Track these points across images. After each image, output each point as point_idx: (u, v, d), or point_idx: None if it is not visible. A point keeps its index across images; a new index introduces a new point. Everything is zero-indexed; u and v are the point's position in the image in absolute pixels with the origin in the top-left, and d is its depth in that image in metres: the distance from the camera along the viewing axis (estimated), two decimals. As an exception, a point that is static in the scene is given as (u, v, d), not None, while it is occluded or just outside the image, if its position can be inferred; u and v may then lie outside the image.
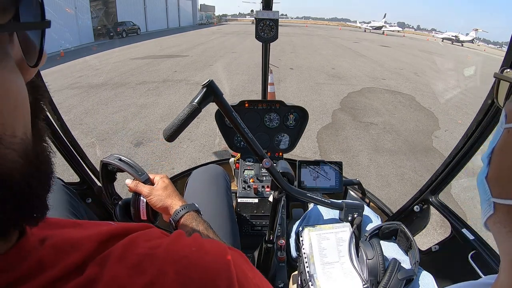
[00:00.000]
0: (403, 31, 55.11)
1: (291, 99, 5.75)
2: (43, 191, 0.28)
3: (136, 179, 0.76)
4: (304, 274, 0.88)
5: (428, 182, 1.20)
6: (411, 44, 24.71)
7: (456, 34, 35.80)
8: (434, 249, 1.17)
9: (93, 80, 7.59)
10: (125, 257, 0.30)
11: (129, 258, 0.30)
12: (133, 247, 0.31)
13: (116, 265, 0.29)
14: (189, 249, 0.33)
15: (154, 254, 0.30)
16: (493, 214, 0.28)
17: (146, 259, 0.30)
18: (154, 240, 0.33)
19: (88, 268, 0.28)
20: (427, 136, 4.61)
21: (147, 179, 0.77)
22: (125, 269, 0.29)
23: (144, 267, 0.29)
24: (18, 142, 0.24)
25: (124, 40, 18.79)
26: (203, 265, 0.32)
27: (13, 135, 0.23)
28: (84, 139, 3.97)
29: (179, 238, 0.35)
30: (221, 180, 1.15)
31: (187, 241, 0.35)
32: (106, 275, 0.28)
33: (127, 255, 0.30)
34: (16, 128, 0.24)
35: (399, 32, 49.41)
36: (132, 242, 0.32)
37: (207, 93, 0.71)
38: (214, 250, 0.35)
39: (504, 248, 0.28)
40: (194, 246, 0.34)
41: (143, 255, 0.30)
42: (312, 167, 1.34)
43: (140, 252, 0.31)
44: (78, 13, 17.51)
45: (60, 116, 1.14)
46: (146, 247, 0.31)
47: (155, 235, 0.35)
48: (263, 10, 1.33)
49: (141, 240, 0.33)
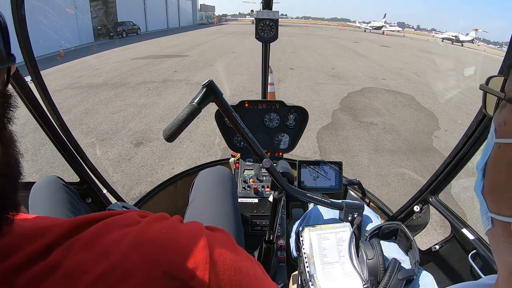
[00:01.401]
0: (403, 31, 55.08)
1: (291, 99, 5.75)
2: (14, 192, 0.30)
3: None
4: (304, 274, 0.88)
5: (428, 182, 1.20)
6: (411, 44, 24.70)
7: (456, 34, 35.80)
8: (434, 249, 1.17)
9: (93, 80, 7.59)
10: (94, 243, 0.30)
11: (98, 244, 0.30)
12: (106, 233, 0.31)
13: (82, 250, 0.29)
14: (158, 232, 0.32)
15: (122, 240, 0.30)
16: (491, 228, 0.28)
17: (113, 244, 0.30)
18: (127, 227, 0.32)
19: (53, 253, 0.28)
20: (427, 136, 4.61)
21: None
22: (91, 254, 0.29)
23: (110, 252, 0.29)
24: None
25: (124, 40, 18.79)
26: (171, 247, 0.31)
27: None
28: (84, 139, 3.97)
29: (153, 222, 0.34)
30: (228, 181, 1.15)
31: (159, 224, 0.34)
32: (70, 259, 0.28)
33: (98, 240, 0.30)
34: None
35: (399, 32, 49.41)
36: (105, 227, 0.32)
37: (207, 93, 0.70)
38: (187, 231, 0.34)
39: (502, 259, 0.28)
40: (165, 228, 0.33)
41: (112, 241, 0.30)
42: (312, 167, 1.34)
43: (110, 239, 0.30)
44: (78, 13, 17.51)
45: (60, 116, 1.14)
46: (117, 234, 0.31)
47: (131, 220, 0.34)
48: (263, 10, 1.33)
49: (115, 225, 0.32)
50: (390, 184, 3.18)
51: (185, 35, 23.16)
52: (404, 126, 4.96)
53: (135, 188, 2.97)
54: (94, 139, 4.04)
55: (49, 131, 1.12)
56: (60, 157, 1.22)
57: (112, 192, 1.45)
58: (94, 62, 10.25)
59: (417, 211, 1.26)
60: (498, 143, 0.26)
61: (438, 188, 1.18)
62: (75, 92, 6.39)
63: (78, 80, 7.57)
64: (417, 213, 1.26)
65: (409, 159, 3.80)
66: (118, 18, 22.24)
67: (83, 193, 1.30)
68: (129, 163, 3.45)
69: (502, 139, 0.25)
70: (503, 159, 0.25)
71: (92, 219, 0.33)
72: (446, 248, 1.14)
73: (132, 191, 2.91)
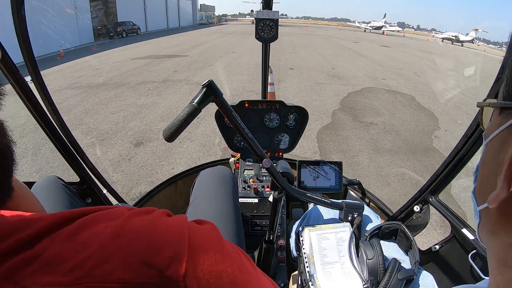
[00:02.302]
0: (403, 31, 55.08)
1: (291, 99, 5.75)
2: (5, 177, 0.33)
3: None
4: (304, 274, 0.88)
5: (428, 182, 1.20)
6: (411, 44, 24.70)
7: (456, 34, 35.79)
8: (434, 249, 1.17)
9: (93, 80, 7.59)
10: (77, 234, 0.30)
11: (80, 236, 0.30)
12: (90, 225, 0.32)
13: (65, 240, 0.30)
14: (139, 224, 0.33)
15: (104, 232, 0.31)
16: (479, 223, 0.30)
17: (94, 236, 0.30)
18: (112, 220, 0.33)
19: (40, 243, 0.29)
20: (427, 136, 4.61)
21: None
22: (73, 245, 0.29)
23: (90, 243, 0.30)
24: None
25: (124, 40, 18.79)
26: (149, 237, 0.32)
27: None
28: (84, 139, 3.97)
29: (137, 215, 0.35)
30: (229, 181, 1.15)
31: (143, 217, 0.35)
32: (52, 249, 0.29)
33: (80, 232, 0.31)
34: None
35: (399, 32, 49.41)
36: (91, 221, 0.32)
37: (207, 93, 0.70)
38: (169, 223, 0.35)
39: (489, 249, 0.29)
40: (147, 219, 0.34)
41: (93, 234, 0.31)
42: (312, 167, 1.33)
43: (93, 231, 0.31)
44: (78, 13, 17.50)
45: (60, 116, 1.14)
46: (101, 226, 0.32)
47: (118, 213, 0.34)
48: (263, 10, 1.33)
49: (102, 219, 0.33)
50: (390, 184, 3.18)
51: (185, 35, 23.16)
52: (404, 126, 4.96)
53: (135, 188, 2.97)
54: (94, 139, 4.04)
55: (49, 131, 1.12)
56: (60, 157, 1.22)
57: (112, 192, 1.45)
58: (94, 62, 10.25)
59: (417, 211, 1.26)
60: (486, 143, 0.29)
61: (438, 188, 1.18)
62: (75, 92, 6.39)
63: (78, 80, 7.57)
64: (417, 213, 1.26)
65: (409, 159, 3.79)
66: (118, 18, 22.23)
67: (83, 193, 1.30)
68: (129, 163, 3.45)
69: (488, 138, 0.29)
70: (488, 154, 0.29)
71: (82, 212, 0.34)
72: (446, 248, 1.14)
73: (132, 191, 2.91)
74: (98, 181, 1.36)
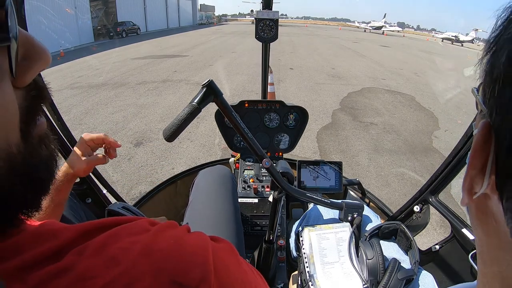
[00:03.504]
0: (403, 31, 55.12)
1: (291, 99, 5.75)
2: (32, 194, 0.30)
3: None
4: (304, 274, 0.88)
5: (428, 182, 1.20)
6: (411, 44, 24.70)
7: (456, 34, 35.81)
8: (434, 249, 1.17)
9: (93, 80, 7.59)
10: (104, 249, 0.30)
11: (108, 250, 0.30)
12: (115, 240, 0.32)
13: (93, 255, 0.30)
14: (166, 243, 0.33)
15: (132, 248, 0.31)
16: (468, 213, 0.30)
17: (123, 252, 0.30)
18: (136, 235, 0.33)
19: (66, 256, 0.29)
20: (427, 136, 4.61)
21: None
22: (102, 261, 0.29)
23: (120, 259, 0.30)
24: None
25: (124, 40, 18.79)
26: (178, 256, 0.32)
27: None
28: (84, 139, 3.97)
29: (162, 231, 0.35)
30: (229, 181, 1.15)
31: (168, 234, 0.35)
32: (82, 264, 0.28)
33: (106, 247, 0.31)
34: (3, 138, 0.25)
35: (399, 32, 49.46)
36: (114, 235, 0.33)
37: (207, 93, 0.70)
38: (193, 242, 0.36)
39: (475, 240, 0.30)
40: (173, 238, 0.34)
41: (121, 249, 0.31)
42: (312, 167, 1.34)
43: (119, 246, 0.31)
44: (78, 13, 17.51)
45: (60, 116, 1.14)
46: (126, 242, 0.32)
47: (140, 228, 0.35)
48: (263, 10, 1.33)
49: (124, 233, 0.33)
50: (390, 184, 3.18)
51: (185, 35, 23.15)
52: (404, 126, 4.96)
53: (135, 188, 2.97)
54: (94, 139, 4.03)
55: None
56: (60, 157, 1.21)
57: (112, 192, 1.45)
58: (94, 62, 10.25)
59: (417, 211, 1.26)
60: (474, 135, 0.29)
61: (438, 188, 1.18)
62: (75, 92, 6.39)
63: (78, 80, 7.57)
64: (417, 213, 1.26)
65: (409, 159, 3.80)
66: (118, 18, 22.24)
67: (82, 193, 1.30)
68: (129, 163, 3.45)
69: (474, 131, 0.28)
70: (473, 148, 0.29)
71: (102, 225, 0.34)
72: (446, 248, 1.14)
73: (132, 191, 2.91)
74: (98, 181, 1.36)
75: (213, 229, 0.96)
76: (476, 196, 0.24)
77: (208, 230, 0.94)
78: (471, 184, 0.24)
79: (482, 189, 0.23)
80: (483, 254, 0.27)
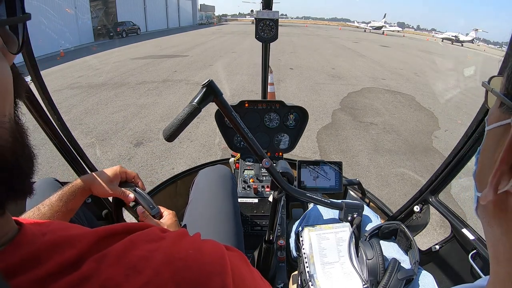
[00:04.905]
0: (403, 31, 55.12)
1: (291, 99, 5.75)
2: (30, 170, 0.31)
3: (146, 211, 0.82)
4: (304, 274, 0.88)
5: (428, 182, 1.20)
6: (411, 44, 24.71)
7: (456, 34, 35.80)
8: (434, 249, 1.17)
9: (93, 80, 7.59)
10: (124, 257, 0.31)
11: (127, 259, 0.31)
12: (132, 248, 0.32)
13: (114, 264, 0.30)
14: (185, 252, 0.34)
15: (152, 256, 0.31)
16: (476, 208, 0.30)
17: (143, 260, 0.31)
18: (153, 243, 0.34)
19: (85, 265, 0.29)
20: (427, 136, 4.61)
21: (157, 213, 0.84)
22: (122, 269, 0.29)
23: (141, 268, 0.30)
24: (7, 121, 0.26)
25: (124, 40, 18.80)
26: (198, 266, 0.33)
27: (3, 114, 0.25)
28: (84, 139, 3.97)
29: (178, 239, 0.36)
30: (228, 181, 1.15)
31: (185, 243, 0.36)
32: (103, 272, 0.28)
33: (126, 255, 0.31)
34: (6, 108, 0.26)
35: (399, 32, 49.43)
36: (131, 243, 0.33)
37: (207, 93, 0.70)
38: (211, 251, 0.36)
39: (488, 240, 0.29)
40: (191, 248, 0.35)
41: (140, 257, 0.31)
42: (312, 167, 1.33)
43: (138, 254, 0.31)
44: (78, 13, 17.50)
45: (60, 116, 1.14)
46: (144, 250, 0.32)
47: (155, 236, 0.35)
48: (263, 10, 1.33)
49: (141, 241, 0.34)
50: (390, 184, 3.18)
51: (185, 35, 23.15)
52: (404, 126, 4.96)
53: (135, 188, 2.97)
54: (94, 139, 4.04)
55: (49, 131, 1.12)
56: (60, 157, 1.21)
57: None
58: (94, 62, 10.25)
59: (417, 211, 1.25)
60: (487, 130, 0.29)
61: (438, 188, 1.18)
62: (75, 92, 6.39)
63: (78, 80, 7.57)
64: (417, 213, 1.26)
65: (409, 159, 3.80)
66: (118, 18, 22.23)
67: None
68: (129, 163, 3.45)
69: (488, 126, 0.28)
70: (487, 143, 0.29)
71: (114, 232, 0.35)
72: (446, 248, 1.14)
73: (132, 191, 2.91)
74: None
75: (213, 229, 0.96)
76: (499, 192, 0.24)
77: (208, 230, 0.94)
78: (499, 180, 0.24)
79: (508, 186, 0.23)
80: (498, 254, 0.27)
